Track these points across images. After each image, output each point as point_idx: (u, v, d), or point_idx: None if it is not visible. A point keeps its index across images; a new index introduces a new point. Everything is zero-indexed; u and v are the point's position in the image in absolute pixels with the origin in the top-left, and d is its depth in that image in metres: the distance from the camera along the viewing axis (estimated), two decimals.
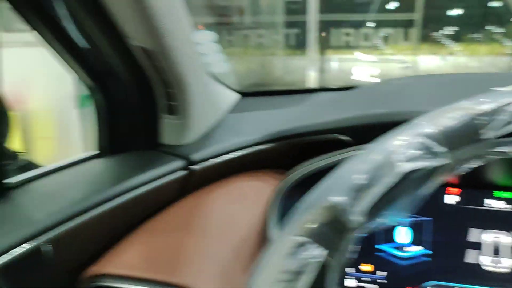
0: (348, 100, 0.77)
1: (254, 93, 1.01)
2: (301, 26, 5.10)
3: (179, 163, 0.67)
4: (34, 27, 0.54)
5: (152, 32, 0.53)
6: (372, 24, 5.21)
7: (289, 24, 5.33)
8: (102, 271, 0.55)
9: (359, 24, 5.13)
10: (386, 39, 5.15)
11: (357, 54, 5.15)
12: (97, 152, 0.75)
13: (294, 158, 0.72)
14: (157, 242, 0.60)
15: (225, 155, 0.71)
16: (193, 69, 0.64)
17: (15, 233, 0.47)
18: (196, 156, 0.68)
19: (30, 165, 0.83)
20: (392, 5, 5.49)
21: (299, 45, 5.14)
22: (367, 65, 5.02)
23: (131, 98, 0.70)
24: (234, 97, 0.92)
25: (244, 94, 0.98)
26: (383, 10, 5.16)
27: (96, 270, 0.55)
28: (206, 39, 1.22)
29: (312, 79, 4.71)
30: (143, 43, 0.56)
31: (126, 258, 0.57)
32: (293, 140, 0.70)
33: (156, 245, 0.60)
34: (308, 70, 4.92)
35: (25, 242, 0.47)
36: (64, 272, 0.54)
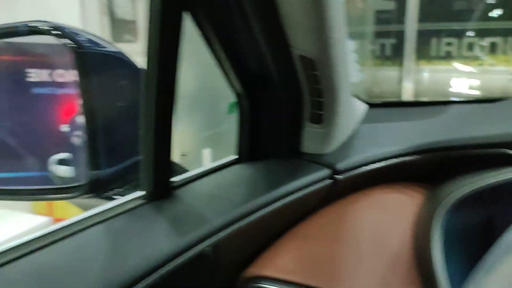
0: (501, 113, 0.73)
1: (380, 104, 1.00)
2: (394, 35, 4.95)
3: (324, 172, 0.67)
4: (204, 34, 0.57)
5: (321, 41, 0.54)
6: (473, 33, 4.92)
7: (380, 34, 5.19)
8: (260, 273, 0.56)
9: (458, 33, 4.87)
10: (491, 48, 4.83)
11: (455, 65, 4.89)
12: (235, 157, 0.78)
13: (439, 171, 0.70)
14: (308, 249, 0.61)
15: (367, 166, 0.70)
16: (345, 78, 0.65)
17: (192, 233, 0.50)
18: (340, 166, 0.68)
19: (179, 167, 0.88)
20: (495, 13, 5.15)
21: (393, 55, 4.99)
22: (466, 76, 4.74)
23: (277, 106, 0.71)
24: (364, 107, 0.91)
25: (371, 105, 0.97)
26: (485, 18, 4.86)
27: (254, 272, 0.57)
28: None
29: (406, 91, 4.54)
30: (306, 52, 0.57)
31: (282, 262, 0.58)
32: (442, 153, 0.67)
33: (307, 251, 0.60)
34: (400, 80, 4.75)
35: (200, 243, 0.50)
36: (224, 273, 0.57)
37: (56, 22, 0.59)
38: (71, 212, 2.45)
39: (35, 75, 0.81)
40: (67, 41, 0.58)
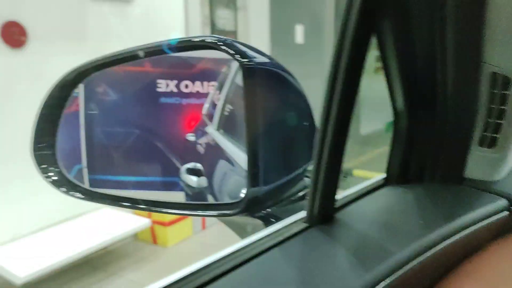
0: None
1: None
2: None
3: (499, 202, 0.60)
4: (383, 49, 0.54)
5: None
6: None
7: None
8: None
9: None
10: None
11: None
12: (382, 177, 0.73)
13: None
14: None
15: None
16: None
17: (379, 266, 0.45)
18: None
19: None
20: None
21: None
22: None
23: (440, 126, 0.65)
24: None
25: None
26: None
27: None
28: None
29: None
30: (502, 69, 0.51)
31: None
32: None
33: None
34: None
35: (386, 278, 0.45)
36: None
37: (224, 37, 0.59)
38: (168, 215, 2.51)
39: (163, 85, 0.82)
40: (235, 55, 0.57)
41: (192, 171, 0.80)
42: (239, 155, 0.75)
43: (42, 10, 2.57)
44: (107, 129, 0.86)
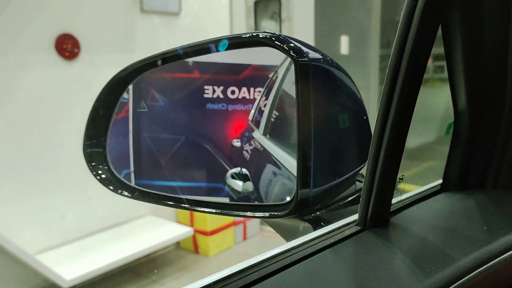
0: None
1: None
2: None
3: None
4: (448, 44, 0.51)
5: None
6: None
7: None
8: None
9: None
10: None
11: None
12: (438, 183, 0.69)
13: None
14: None
15: None
16: None
17: (439, 272, 0.42)
18: None
19: None
20: None
21: None
22: None
23: (506, 129, 0.61)
24: None
25: None
26: None
27: None
28: None
29: None
30: None
31: None
32: None
33: None
34: None
35: (450, 285, 0.42)
36: None
37: (277, 33, 0.57)
38: (210, 224, 2.55)
39: (210, 91, 0.82)
40: (289, 51, 0.55)
41: (238, 176, 0.80)
42: (287, 160, 0.73)
43: (94, 22, 2.68)
44: (154, 134, 0.87)
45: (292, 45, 0.55)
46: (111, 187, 0.69)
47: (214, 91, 0.82)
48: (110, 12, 2.76)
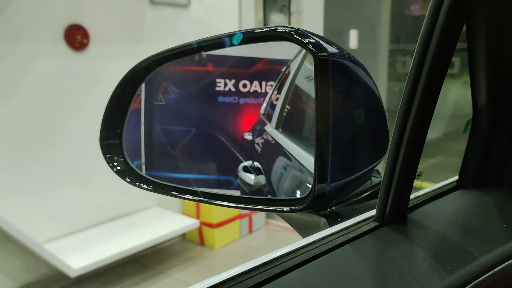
0: None
1: None
2: None
3: None
4: (471, 39, 0.50)
5: None
6: None
7: None
8: None
9: None
10: None
11: None
12: (453, 180, 0.69)
13: None
14: None
15: None
16: None
17: (460, 269, 0.42)
18: None
19: None
20: None
21: None
22: None
23: None
24: None
25: None
26: None
27: None
28: None
29: None
30: None
31: None
32: None
33: None
34: None
35: (471, 282, 0.42)
36: None
37: (295, 27, 0.57)
38: (216, 217, 2.55)
39: (222, 84, 0.82)
40: (308, 45, 0.55)
41: (250, 169, 0.80)
42: (300, 154, 0.73)
43: (104, 13, 2.68)
44: (165, 126, 0.87)
45: (311, 39, 0.55)
46: (128, 179, 0.70)
47: (226, 84, 0.82)
48: (119, 3, 2.75)
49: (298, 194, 0.64)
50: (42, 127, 2.49)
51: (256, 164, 0.81)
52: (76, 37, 2.54)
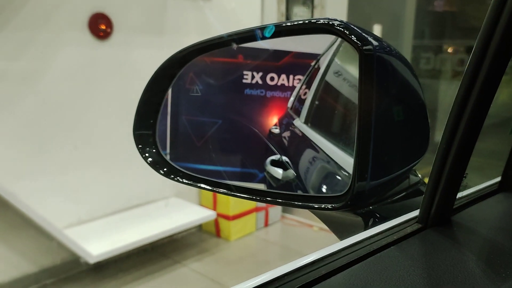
0: None
1: None
2: None
3: None
4: None
5: None
6: None
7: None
8: None
9: None
10: None
11: None
12: (495, 181, 0.67)
13: None
14: None
15: None
16: None
17: None
18: None
19: None
20: None
21: None
22: None
23: None
24: None
25: None
26: None
27: None
28: None
29: None
30: None
31: None
32: None
33: None
34: None
35: None
36: None
37: (339, 19, 0.56)
38: (233, 209, 2.55)
39: (249, 77, 0.81)
40: (354, 40, 0.53)
41: (278, 163, 0.78)
42: (332, 149, 0.72)
43: (128, 3, 2.68)
44: (191, 117, 0.86)
45: (356, 33, 0.53)
46: (161, 172, 0.69)
47: (253, 77, 0.81)
48: None
49: (335, 191, 0.62)
50: (65, 113, 2.51)
51: (284, 158, 0.79)
52: (100, 26, 2.55)
